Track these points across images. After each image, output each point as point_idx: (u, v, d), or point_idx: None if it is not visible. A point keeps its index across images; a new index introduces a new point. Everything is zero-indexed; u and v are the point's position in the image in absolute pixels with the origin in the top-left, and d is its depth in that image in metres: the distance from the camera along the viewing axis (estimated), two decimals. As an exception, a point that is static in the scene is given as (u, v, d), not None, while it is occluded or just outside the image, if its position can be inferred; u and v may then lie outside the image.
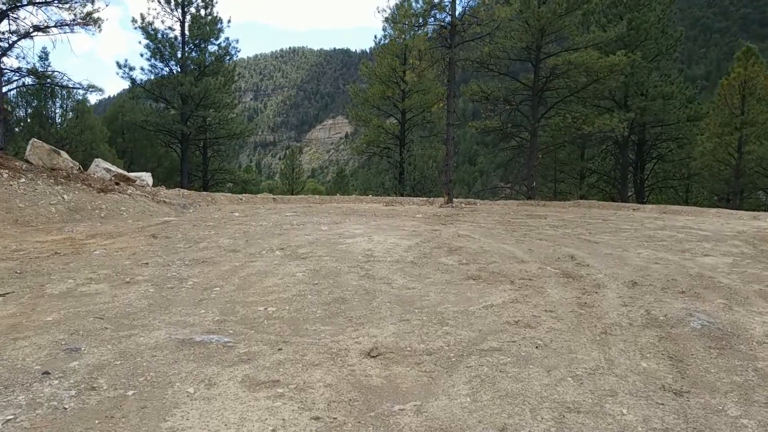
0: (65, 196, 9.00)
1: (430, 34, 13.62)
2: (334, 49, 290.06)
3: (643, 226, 9.38)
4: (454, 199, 14.75)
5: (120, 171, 11.04)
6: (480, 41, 13.91)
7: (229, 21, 25.08)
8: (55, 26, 11.28)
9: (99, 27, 11.60)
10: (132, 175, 11.64)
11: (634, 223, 9.99)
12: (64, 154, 10.16)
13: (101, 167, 10.90)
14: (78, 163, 10.37)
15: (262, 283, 4.33)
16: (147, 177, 12.10)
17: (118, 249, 5.88)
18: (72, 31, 11.45)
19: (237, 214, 9.95)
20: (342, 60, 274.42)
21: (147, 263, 5.10)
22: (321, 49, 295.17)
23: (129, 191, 10.31)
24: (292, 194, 40.02)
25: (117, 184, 10.48)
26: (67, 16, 11.04)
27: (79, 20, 11.20)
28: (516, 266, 5.09)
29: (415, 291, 4.14)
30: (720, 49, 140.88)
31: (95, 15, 11.33)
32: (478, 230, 7.86)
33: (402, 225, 8.22)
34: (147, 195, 10.58)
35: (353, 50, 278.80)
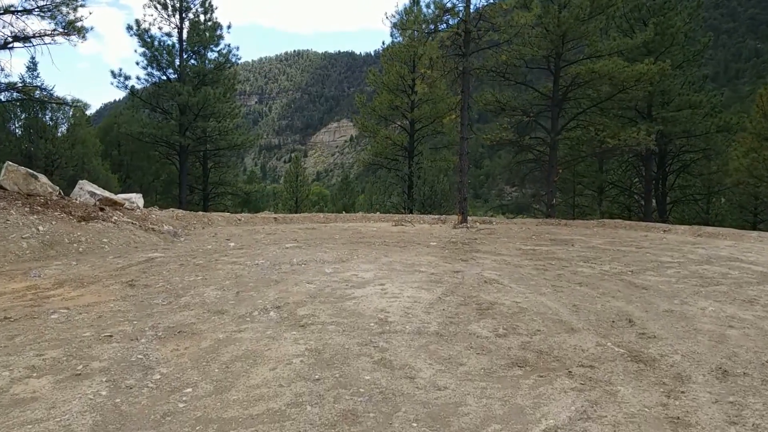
0: (40, 228, 8.08)
1: (442, 41, 12.66)
2: (339, 52, 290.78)
3: (685, 258, 8.38)
4: (468, 218, 13.77)
5: (106, 194, 10.13)
6: (497, 49, 12.92)
7: (229, 27, 24.25)
8: (34, 36, 10.39)
9: (83, 36, 10.69)
10: (120, 197, 10.73)
11: (673, 253, 8.99)
12: (42, 177, 9.25)
13: (86, 190, 9.99)
14: (58, 188, 9.47)
15: (248, 378, 3.37)
16: (137, 199, 11.19)
17: (83, 308, 4.94)
18: (54, 42, 10.59)
19: (232, 244, 9.03)
20: (347, 63, 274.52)
21: (111, 335, 4.15)
22: (325, 52, 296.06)
23: (114, 218, 9.39)
24: (296, 202, 39.25)
25: (102, 209, 9.56)
26: (47, 26, 10.16)
27: (60, 30, 10.32)
28: (567, 340, 4.11)
29: (448, 394, 3.16)
30: (728, 51, 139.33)
31: (78, 24, 10.46)
32: (504, 270, 6.88)
33: (417, 262, 7.25)
34: (135, 222, 9.66)
35: (358, 53, 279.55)
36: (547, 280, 6.35)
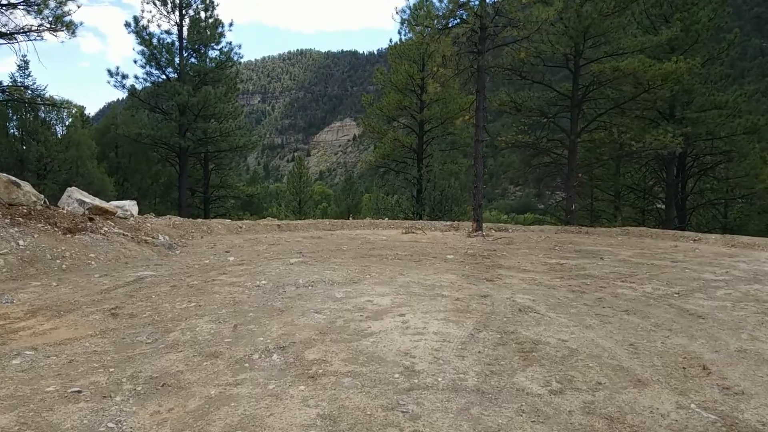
0: (21, 242, 7.36)
1: (456, 38, 11.86)
2: (342, 51, 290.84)
3: (730, 275, 7.61)
4: (483, 225, 12.99)
5: (96, 202, 9.40)
6: (514, 46, 12.12)
7: (231, 24, 23.47)
8: (19, 32, 9.65)
9: (73, 32, 9.95)
10: (112, 205, 10.00)
11: (714, 268, 8.23)
12: (26, 185, 8.53)
13: (74, 198, 9.27)
14: (43, 197, 8.75)
15: (245, 464, 2.61)
16: (131, 206, 10.47)
17: (54, 347, 4.21)
18: (41, 38, 9.87)
19: (232, 258, 8.30)
20: (349, 62, 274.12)
21: (80, 391, 3.40)
22: (328, 51, 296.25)
23: (104, 229, 8.66)
24: (300, 202, 38.62)
25: (91, 219, 8.84)
26: (33, 21, 9.45)
27: (46, 26, 9.58)
28: (638, 398, 3.35)
29: (508, 493, 2.40)
30: (733, 49, 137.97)
31: (66, 19, 9.71)
32: (537, 293, 6.13)
33: (437, 282, 6.49)
34: (127, 233, 8.93)
35: (361, 52, 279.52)
36: (588, 306, 5.60)
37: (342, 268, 7.27)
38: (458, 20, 11.79)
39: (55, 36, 9.82)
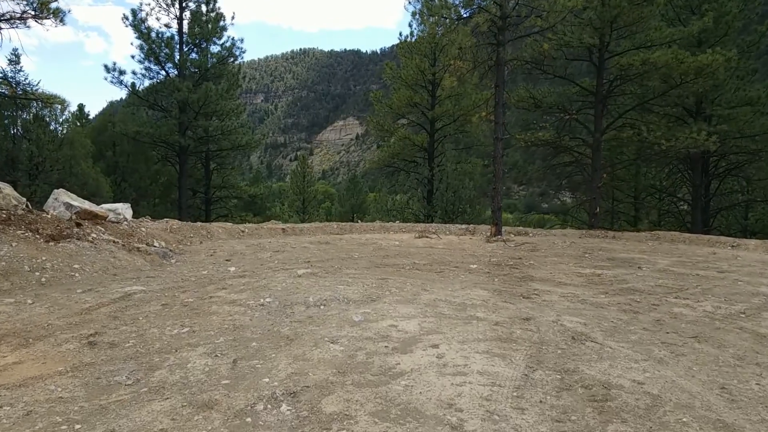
0: (-4, 252, 6.56)
1: (476, 27, 11.02)
2: (345, 50, 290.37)
3: (792, 289, 6.79)
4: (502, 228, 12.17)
5: (85, 206, 8.62)
6: (537, 37, 11.29)
7: (233, 18, 22.56)
8: (0, 20, 8.89)
9: (61, 20, 9.17)
10: (104, 208, 9.21)
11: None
12: (6, 188, 7.75)
13: (61, 201, 8.49)
14: (25, 200, 7.97)
15: None
16: (124, 209, 9.68)
17: (12, 391, 3.43)
18: (25, 26, 9.09)
19: (233, 269, 7.50)
20: (352, 61, 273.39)
21: (30, 462, 2.61)
22: (331, 50, 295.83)
23: (92, 236, 7.87)
24: (303, 202, 37.88)
25: (78, 225, 8.05)
26: (17, 7, 8.70)
27: (31, 12, 8.80)
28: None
29: None
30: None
31: (52, 5, 8.92)
32: (586, 314, 5.32)
33: (468, 300, 5.68)
34: (117, 239, 8.14)
35: (364, 51, 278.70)
36: (649, 331, 4.78)
37: (356, 282, 6.46)
38: (475, 9, 10.95)
39: (41, 23, 9.08)
